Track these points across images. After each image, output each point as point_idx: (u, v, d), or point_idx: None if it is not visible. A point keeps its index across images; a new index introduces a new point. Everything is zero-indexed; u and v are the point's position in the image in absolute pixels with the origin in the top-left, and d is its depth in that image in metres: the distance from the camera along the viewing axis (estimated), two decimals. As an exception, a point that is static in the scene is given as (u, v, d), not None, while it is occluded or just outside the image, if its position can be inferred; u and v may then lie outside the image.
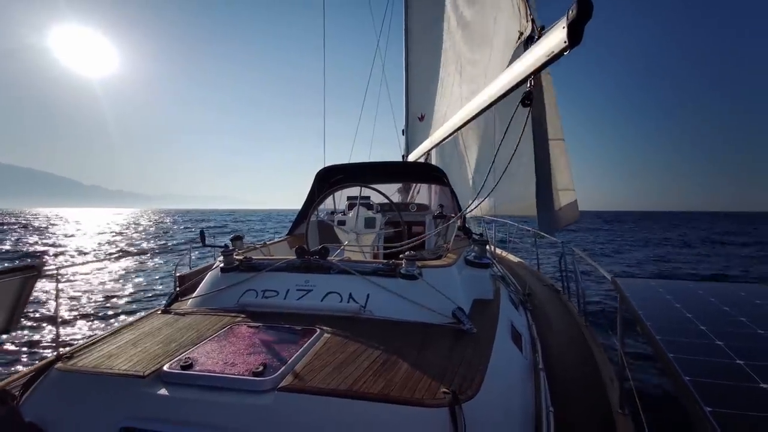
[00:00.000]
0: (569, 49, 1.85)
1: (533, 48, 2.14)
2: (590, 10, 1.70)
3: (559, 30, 1.85)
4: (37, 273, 2.02)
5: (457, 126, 3.83)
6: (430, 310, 2.12)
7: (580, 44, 1.81)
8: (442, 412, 1.29)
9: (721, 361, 1.10)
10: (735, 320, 1.44)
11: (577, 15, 1.71)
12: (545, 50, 1.99)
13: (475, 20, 4.50)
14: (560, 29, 1.83)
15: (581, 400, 2.18)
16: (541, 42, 2.07)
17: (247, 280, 2.54)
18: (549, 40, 1.97)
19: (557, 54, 1.93)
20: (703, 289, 1.94)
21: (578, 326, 3.34)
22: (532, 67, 2.12)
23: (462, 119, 3.59)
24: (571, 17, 1.73)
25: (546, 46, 1.99)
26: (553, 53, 1.94)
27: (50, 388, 1.66)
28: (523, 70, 2.21)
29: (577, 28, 1.75)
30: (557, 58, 1.98)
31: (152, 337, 1.98)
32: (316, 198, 4.57)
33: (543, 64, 2.06)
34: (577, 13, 1.71)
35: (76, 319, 8.46)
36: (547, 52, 1.98)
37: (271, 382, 1.46)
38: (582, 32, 1.76)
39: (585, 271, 3.90)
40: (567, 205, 7.44)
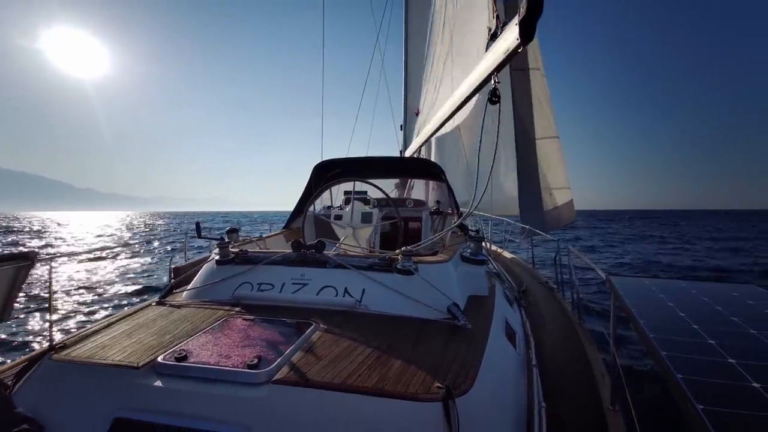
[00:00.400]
0: (522, 47, 1.84)
1: (494, 45, 2.13)
2: (540, 7, 1.69)
3: (513, 28, 1.84)
4: (30, 262, 2.01)
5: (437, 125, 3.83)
6: (426, 305, 2.13)
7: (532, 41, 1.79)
8: (435, 406, 1.30)
9: (714, 359, 1.11)
10: (727, 320, 1.45)
11: (527, 12, 1.70)
12: (503, 48, 1.98)
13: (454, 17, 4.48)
14: (513, 26, 1.82)
15: (573, 396, 2.20)
16: (499, 40, 2.06)
17: (242, 273, 2.53)
18: (505, 38, 1.96)
19: (512, 51, 1.92)
20: (696, 289, 1.95)
21: (571, 324, 3.37)
22: (493, 65, 2.11)
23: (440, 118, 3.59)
24: (522, 14, 1.72)
25: (503, 44, 1.97)
26: (509, 50, 1.93)
27: (43, 377, 1.65)
28: (487, 67, 2.20)
29: (528, 26, 1.74)
30: (513, 56, 1.96)
31: (147, 328, 1.97)
32: (313, 192, 4.55)
33: (501, 62, 2.04)
34: (527, 10, 1.70)
35: (69, 309, 8.42)
36: (504, 50, 1.97)
37: (265, 374, 1.46)
38: (534, 29, 1.75)
39: (580, 268, 3.93)
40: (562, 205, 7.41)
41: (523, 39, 1.79)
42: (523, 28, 1.76)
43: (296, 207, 4.75)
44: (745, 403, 0.88)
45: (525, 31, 1.76)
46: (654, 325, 1.38)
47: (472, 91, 2.57)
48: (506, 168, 7.26)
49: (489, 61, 2.17)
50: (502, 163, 7.37)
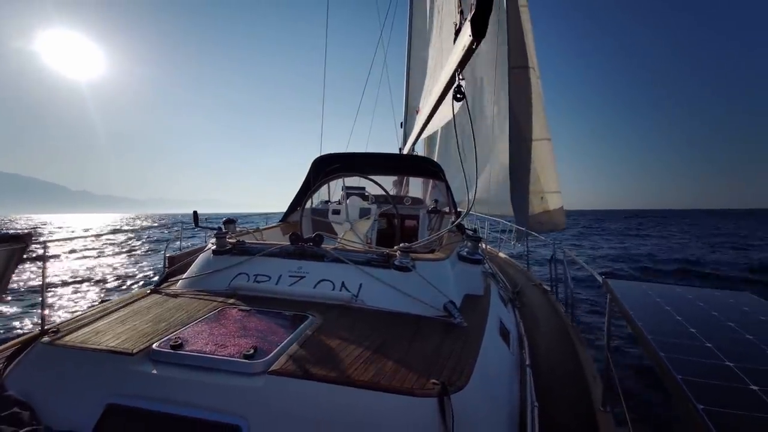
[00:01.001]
0: (475, 44, 1.83)
1: (456, 43, 2.13)
2: (490, 5, 1.69)
3: (467, 25, 1.83)
4: (25, 245, 1.98)
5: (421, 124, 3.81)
6: (422, 302, 2.12)
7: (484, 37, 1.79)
8: (431, 402, 1.30)
9: (711, 362, 1.12)
10: (724, 325, 1.47)
11: (477, 9, 1.70)
12: (461, 45, 1.97)
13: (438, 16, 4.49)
14: (467, 24, 1.82)
15: (565, 396, 2.22)
16: (458, 37, 2.05)
17: (239, 264, 2.51)
18: (462, 35, 1.95)
19: (468, 49, 1.91)
20: (693, 294, 1.97)
21: (565, 325, 3.39)
22: (455, 62, 2.10)
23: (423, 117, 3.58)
24: (472, 12, 1.73)
25: (461, 41, 1.97)
26: (465, 47, 1.92)
27: (35, 362, 1.63)
28: (452, 65, 2.20)
29: (478, 23, 1.74)
30: (471, 53, 1.95)
31: (141, 315, 1.95)
32: (311, 186, 4.53)
33: (461, 59, 2.04)
34: (477, 8, 1.70)
35: (63, 293, 8.35)
36: (462, 47, 1.96)
37: (262, 365, 1.45)
38: (485, 27, 1.75)
39: (575, 271, 3.96)
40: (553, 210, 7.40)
41: (475, 36, 1.78)
42: (475, 26, 1.76)
43: (294, 200, 4.73)
44: (744, 405, 0.88)
45: (476, 28, 1.76)
46: (652, 327, 1.39)
47: (443, 89, 2.56)
48: (505, 168, 7.26)
49: (453, 59, 2.16)
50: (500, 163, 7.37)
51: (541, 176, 7.19)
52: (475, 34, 1.77)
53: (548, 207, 7.35)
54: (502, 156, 7.20)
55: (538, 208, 7.23)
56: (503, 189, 7.45)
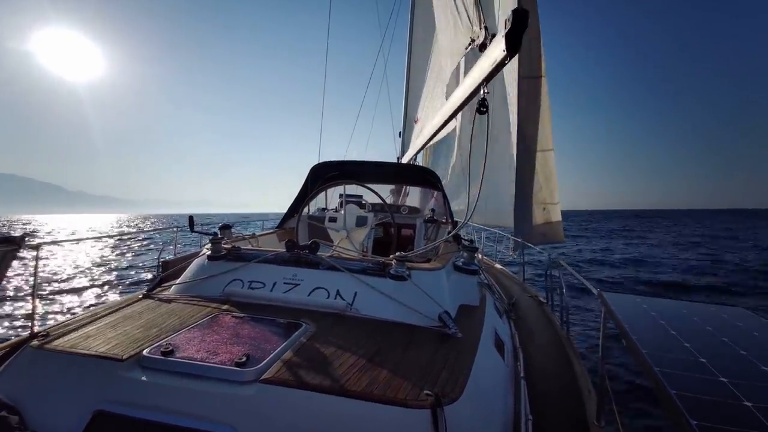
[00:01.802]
0: (508, 59, 1.88)
1: (482, 57, 2.16)
2: (526, 20, 1.73)
3: (500, 39, 1.87)
4: (17, 246, 1.96)
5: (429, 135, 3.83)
6: (417, 312, 2.11)
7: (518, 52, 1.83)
8: (424, 413, 1.29)
9: (705, 377, 1.12)
10: (718, 340, 1.47)
11: (513, 25, 1.74)
12: (491, 59, 2.01)
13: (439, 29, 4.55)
14: (500, 38, 1.86)
15: (559, 410, 2.20)
16: (487, 51, 2.09)
17: (233, 270, 2.50)
18: (493, 49, 1.99)
19: (500, 63, 1.95)
20: (687, 309, 1.97)
21: (559, 338, 3.38)
22: (482, 75, 2.14)
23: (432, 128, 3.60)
24: (508, 27, 1.76)
25: (491, 55, 2.01)
26: (496, 62, 1.96)
27: (23, 366, 1.61)
28: (476, 78, 2.23)
29: (513, 38, 1.78)
30: (501, 68, 1.99)
31: (133, 320, 1.93)
32: (308, 193, 4.53)
33: (489, 74, 2.08)
34: (513, 24, 1.74)
35: (54, 297, 8.24)
36: (491, 62, 2.00)
37: (253, 373, 1.44)
38: (519, 42, 1.79)
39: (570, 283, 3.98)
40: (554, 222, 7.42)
41: (509, 51, 1.82)
42: (510, 40, 1.79)
43: (291, 207, 4.72)
44: (737, 421, 0.88)
45: (512, 43, 1.79)
46: (646, 342, 1.39)
47: (463, 101, 2.59)
48: (504, 179, 7.28)
49: (478, 72, 2.19)
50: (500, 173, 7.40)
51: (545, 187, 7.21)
52: (509, 49, 1.80)
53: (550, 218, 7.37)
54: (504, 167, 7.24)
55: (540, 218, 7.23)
56: (503, 200, 7.47)
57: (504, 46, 1.80)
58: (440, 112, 3.27)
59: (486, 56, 2.07)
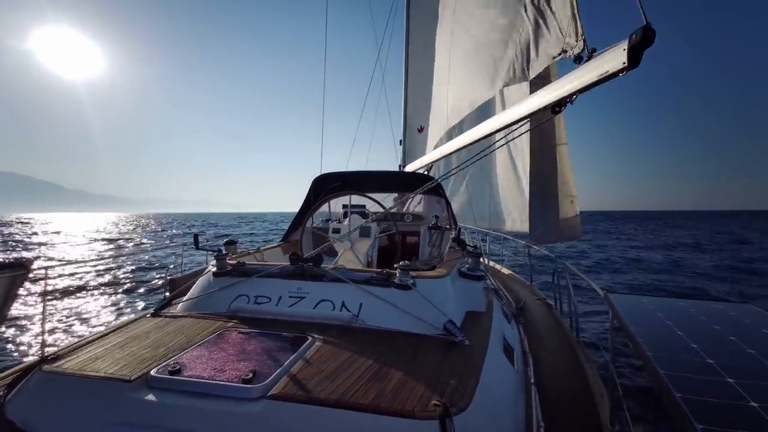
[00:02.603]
0: (626, 71, 1.95)
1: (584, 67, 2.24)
2: (653, 37, 1.79)
3: (618, 52, 1.94)
4: (25, 271, 1.99)
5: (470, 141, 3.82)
6: (423, 321, 2.11)
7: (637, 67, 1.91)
8: (432, 424, 1.28)
9: (712, 379, 1.11)
10: (725, 339, 1.45)
11: (641, 40, 1.79)
12: (599, 71, 2.09)
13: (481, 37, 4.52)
14: (620, 51, 1.92)
15: (572, 415, 2.17)
16: (593, 62, 2.16)
17: (239, 285, 2.51)
18: (604, 61, 2.06)
19: (612, 74, 2.03)
20: (694, 308, 1.95)
21: (569, 341, 3.34)
22: (580, 85, 2.23)
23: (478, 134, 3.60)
24: (635, 41, 1.82)
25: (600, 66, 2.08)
26: (607, 73, 2.04)
27: (34, 389, 1.62)
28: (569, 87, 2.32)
29: (637, 53, 1.83)
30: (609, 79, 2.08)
31: (140, 340, 1.94)
32: (311, 205, 4.56)
33: (593, 83, 2.16)
34: (641, 39, 1.79)
35: (63, 320, 8.30)
36: (600, 73, 2.08)
37: (260, 389, 1.44)
38: (641, 57, 1.85)
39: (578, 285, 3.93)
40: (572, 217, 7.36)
41: (630, 64, 1.88)
42: (632, 54, 1.84)
43: (294, 220, 4.75)
44: (743, 423, 0.87)
45: (633, 57, 1.85)
46: (652, 343, 1.38)
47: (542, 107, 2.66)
48: (507, 182, 7.24)
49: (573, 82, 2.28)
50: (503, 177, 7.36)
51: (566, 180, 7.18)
52: (630, 62, 1.87)
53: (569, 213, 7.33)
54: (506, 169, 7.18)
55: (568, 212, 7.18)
56: (507, 202, 7.42)
57: (626, 58, 1.86)
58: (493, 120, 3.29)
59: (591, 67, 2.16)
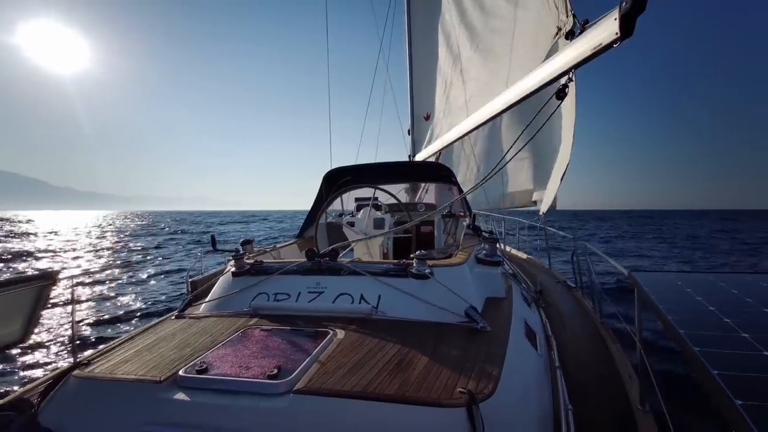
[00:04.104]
0: (620, 42, 1.86)
1: (576, 42, 2.15)
2: (645, 3, 1.70)
3: (609, 22, 1.85)
4: (53, 281, 2.05)
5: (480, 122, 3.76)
6: (443, 309, 2.10)
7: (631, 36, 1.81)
8: (459, 411, 1.28)
9: (748, 353, 1.07)
10: (759, 311, 1.40)
11: (631, 7, 1.71)
12: (592, 44, 1.99)
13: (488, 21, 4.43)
14: (611, 21, 1.83)
15: (600, 397, 2.15)
16: (586, 35, 2.07)
17: (258, 284, 2.54)
18: (596, 33, 1.97)
19: (606, 46, 1.94)
20: (724, 281, 1.89)
21: (593, 322, 3.30)
22: (575, 60, 2.13)
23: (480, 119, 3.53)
24: (625, 9, 1.74)
25: (593, 39, 1.99)
26: (600, 45, 1.94)
27: (68, 395, 1.67)
28: (564, 63, 2.22)
29: (630, 21, 1.75)
30: (604, 51, 1.98)
31: (167, 342, 1.99)
32: (324, 200, 4.57)
33: (588, 57, 2.06)
34: (632, 6, 1.71)
35: (91, 326, 8.56)
36: (594, 45, 1.98)
37: (286, 384, 1.46)
38: (634, 24, 1.76)
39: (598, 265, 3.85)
40: None
41: (623, 33, 1.79)
42: (624, 23, 1.76)
43: (308, 216, 4.78)
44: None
45: (626, 25, 1.76)
46: (683, 321, 1.34)
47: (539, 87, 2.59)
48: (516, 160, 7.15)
49: (567, 58, 2.19)
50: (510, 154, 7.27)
51: None
52: (623, 32, 1.79)
53: None
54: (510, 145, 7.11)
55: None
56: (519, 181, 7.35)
57: (618, 28, 1.78)
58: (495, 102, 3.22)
59: (584, 40, 2.08)
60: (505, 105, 3.00)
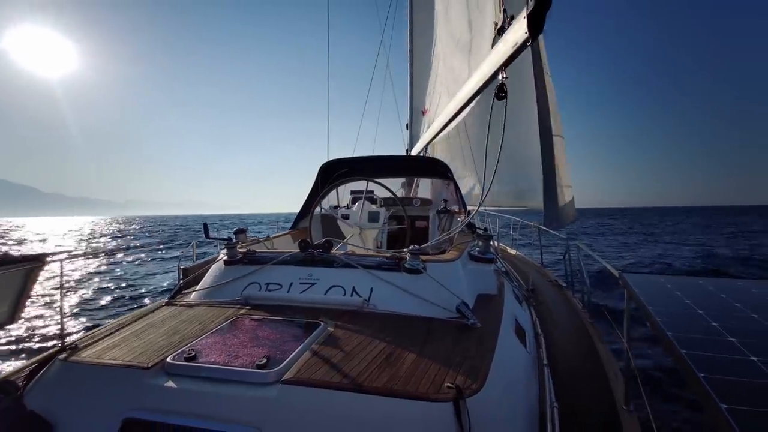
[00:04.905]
0: (530, 41, 1.79)
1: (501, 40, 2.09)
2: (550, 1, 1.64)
3: (521, 22, 1.78)
4: (41, 263, 2.02)
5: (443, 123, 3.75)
6: (434, 304, 2.10)
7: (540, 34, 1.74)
8: (446, 406, 1.28)
9: (735, 357, 1.08)
10: (747, 317, 1.41)
11: (536, 5, 1.66)
12: (511, 43, 1.93)
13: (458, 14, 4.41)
14: (522, 20, 1.77)
15: (586, 396, 2.17)
16: (507, 34, 2.01)
17: (250, 273, 2.53)
18: (513, 32, 1.91)
19: (520, 46, 1.86)
20: (713, 285, 1.91)
21: (582, 322, 3.33)
22: (500, 60, 2.07)
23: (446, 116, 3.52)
24: (531, 7, 1.68)
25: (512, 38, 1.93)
26: (516, 45, 1.88)
27: (54, 379, 1.66)
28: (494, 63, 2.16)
29: (536, 19, 1.69)
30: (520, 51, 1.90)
31: (156, 328, 1.97)
32: (319, 191, 4.54)
33: (509, 58, 2.00)
34: (536, 3, 1.66)
35: (79, 310, 8.51)
36: (512, 44, 1.92)
37: (274, 374, 1.45)
38: (542, 23, 1.70)
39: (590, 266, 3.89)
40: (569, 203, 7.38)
41: (531, 33, 1.74)
42: (532, 22, 1.71)
43: (303, 207, 4.75)
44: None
45: (534, 24, 1.71)
46: (671, 323, 1.35)
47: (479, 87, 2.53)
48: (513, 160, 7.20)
49: (496, 57, 2.13)
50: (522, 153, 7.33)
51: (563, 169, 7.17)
52: (531, 31, 1.73)
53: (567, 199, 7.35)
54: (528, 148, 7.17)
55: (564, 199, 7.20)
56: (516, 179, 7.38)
57: (526, 27, 1.73)
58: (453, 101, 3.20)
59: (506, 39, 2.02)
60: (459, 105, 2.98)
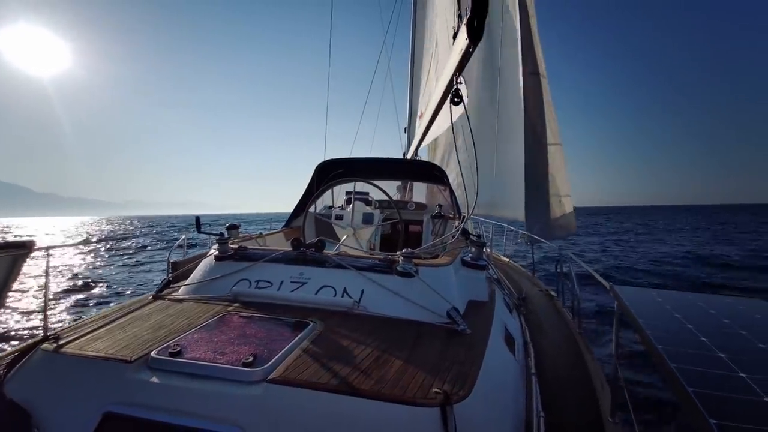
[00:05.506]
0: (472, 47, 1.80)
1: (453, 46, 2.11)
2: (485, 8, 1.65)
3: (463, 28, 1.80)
4: (27, 251, 1.98)
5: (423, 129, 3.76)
6: (425, 308, 2.09)
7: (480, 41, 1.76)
8: (433, 411, 1.27)
9: (724, 373, 1.08)
10: (735, 333, 1.42)
11: (472, 13, 1.67)
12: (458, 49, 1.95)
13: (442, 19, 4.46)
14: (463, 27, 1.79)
15: (572, 406, 2.17)
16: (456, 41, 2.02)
17: (241, 270, 2.50)
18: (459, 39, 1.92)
19: (465, 52, 1.87)
20: (703, 301, 1.92)
21: (571, 332, 3.34)
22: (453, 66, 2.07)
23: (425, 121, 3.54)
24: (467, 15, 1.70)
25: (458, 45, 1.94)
26: (462, 51, 1.89)
27: (34, 368, 1.62)
28: (450, 69, 2.17)
29: (474, 26, 1.70)
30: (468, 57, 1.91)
31: (142, 322, 1.94)
32: (314, 191, 4.53)
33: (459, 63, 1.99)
34: (472, 11, 1.67)
35: (64, 300, 8.39)
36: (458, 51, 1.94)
37: (260, 373, 1.43)
38: (481, 30, 1.71)
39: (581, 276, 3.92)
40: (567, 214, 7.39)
41: (471, 39, 1.75)
42: (470, 29, 1.72)
43: (297, 206, 4.73)
44: (759, 419, 0.85)
45: (472, 31, 1.72)
46: (661, 337, 1.35)
47: (443, 93, 2.53)
48: (512, 171, 7.23)
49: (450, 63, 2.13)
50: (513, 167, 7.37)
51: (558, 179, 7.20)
52: (471, 38, 1.73)
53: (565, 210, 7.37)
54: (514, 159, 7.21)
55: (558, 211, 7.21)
56: (511, 190, 7.42)
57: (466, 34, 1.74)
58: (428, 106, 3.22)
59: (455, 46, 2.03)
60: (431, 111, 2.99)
